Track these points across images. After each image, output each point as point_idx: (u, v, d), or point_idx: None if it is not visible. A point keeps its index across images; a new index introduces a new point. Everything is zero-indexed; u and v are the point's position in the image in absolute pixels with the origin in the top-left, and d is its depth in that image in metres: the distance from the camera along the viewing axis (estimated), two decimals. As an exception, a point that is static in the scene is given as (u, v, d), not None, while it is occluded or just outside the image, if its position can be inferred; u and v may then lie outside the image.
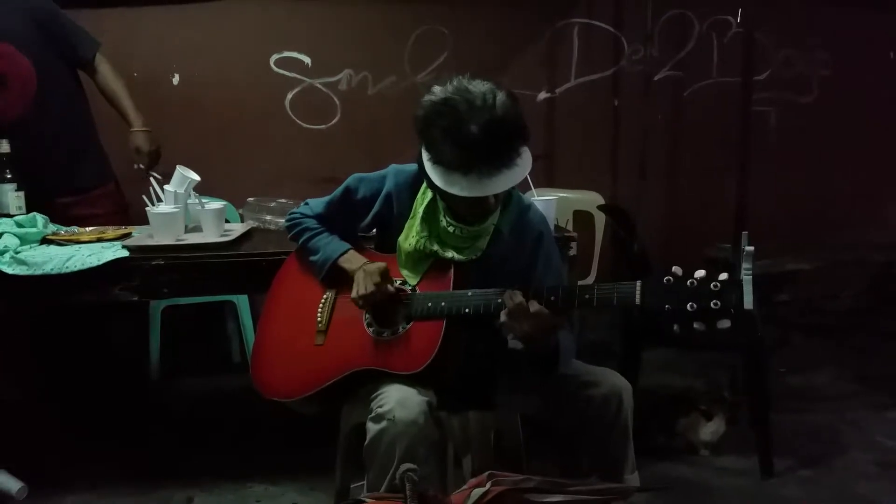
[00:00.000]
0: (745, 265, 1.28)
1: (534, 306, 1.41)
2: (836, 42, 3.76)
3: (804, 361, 3.27)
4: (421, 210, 1.62)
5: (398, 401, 1.47)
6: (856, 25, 3.74)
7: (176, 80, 3.32)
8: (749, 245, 1.29)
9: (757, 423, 2.37)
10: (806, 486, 2.25)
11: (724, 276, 1.32)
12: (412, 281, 1.63)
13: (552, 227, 1.99)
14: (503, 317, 1.45)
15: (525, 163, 1.46)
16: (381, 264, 1.61)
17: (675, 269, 1.35)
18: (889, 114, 3.79)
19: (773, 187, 3.60)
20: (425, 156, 1.48)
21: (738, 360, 2.48)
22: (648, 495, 2.13)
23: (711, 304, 1.30)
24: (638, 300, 1.36)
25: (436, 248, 1.60)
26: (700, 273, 1.33)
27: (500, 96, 1.43)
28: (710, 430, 2.46)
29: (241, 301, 3.08)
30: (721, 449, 2.45)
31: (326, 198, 1.78)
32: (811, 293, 3.72)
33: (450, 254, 1.60)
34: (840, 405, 2.82)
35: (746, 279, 1.28)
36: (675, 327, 1.33)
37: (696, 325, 1.32)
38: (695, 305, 1.31)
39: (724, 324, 1.31)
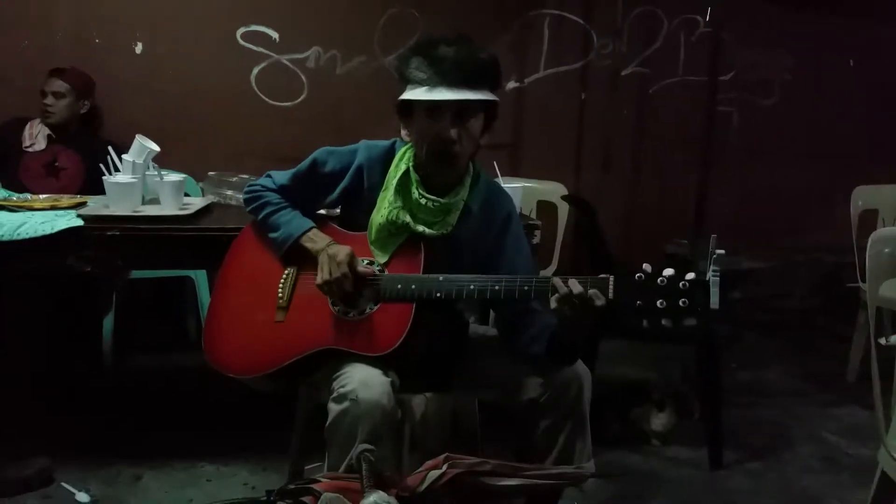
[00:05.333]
0: (713, 267, 1.33)
1: (599, 297, 1.39)
2: (799, 47, 3.85)
3: (755, 358, 3.35)
4: (394, 182, 1.60)
5: (361, 381, 1.44)
6: (819, 32, 3.83)
7: (139, 48, 3.23)
8: (719, 248, 1.33)
9: (707, 415, 2.43)
10: (753, 478, 2.31)
11: (691, 275, 1.36)
12: (381, 259, 1.60)
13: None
14: (556, 303, 1.42)
15: (489, 97, 1.52)
16: (348, 248, 1.57)
17: (646, 266, 1.39)
18: (845, 119, 3.90)
19: (731, 186, 3.69)
20: (404, 95, 1.53)
21: (691, 353, 2.53)
22: (600, 482, 2.16)
23: (680, 303, 1.34)
24: (611, 294, 1.39)
25: (407, 219, 1.58)
26: (669, 272, 1.37)
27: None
28: (661, 420, 2.51)
29: (200, 277, 3.02)
30: (672, 439, 2.50)
31: (291, 170, 1.73)
32: (764, 292, 3.82)
33: (420, 228, 1.58)
34: (787, 401, 2.90)
35: (714, 280, 1.33)
36: (645, 322, 1.37)
37: (664, 322, 1.36)
38: (664, 303, 1.35)
39: (690, 321, 1.36)
